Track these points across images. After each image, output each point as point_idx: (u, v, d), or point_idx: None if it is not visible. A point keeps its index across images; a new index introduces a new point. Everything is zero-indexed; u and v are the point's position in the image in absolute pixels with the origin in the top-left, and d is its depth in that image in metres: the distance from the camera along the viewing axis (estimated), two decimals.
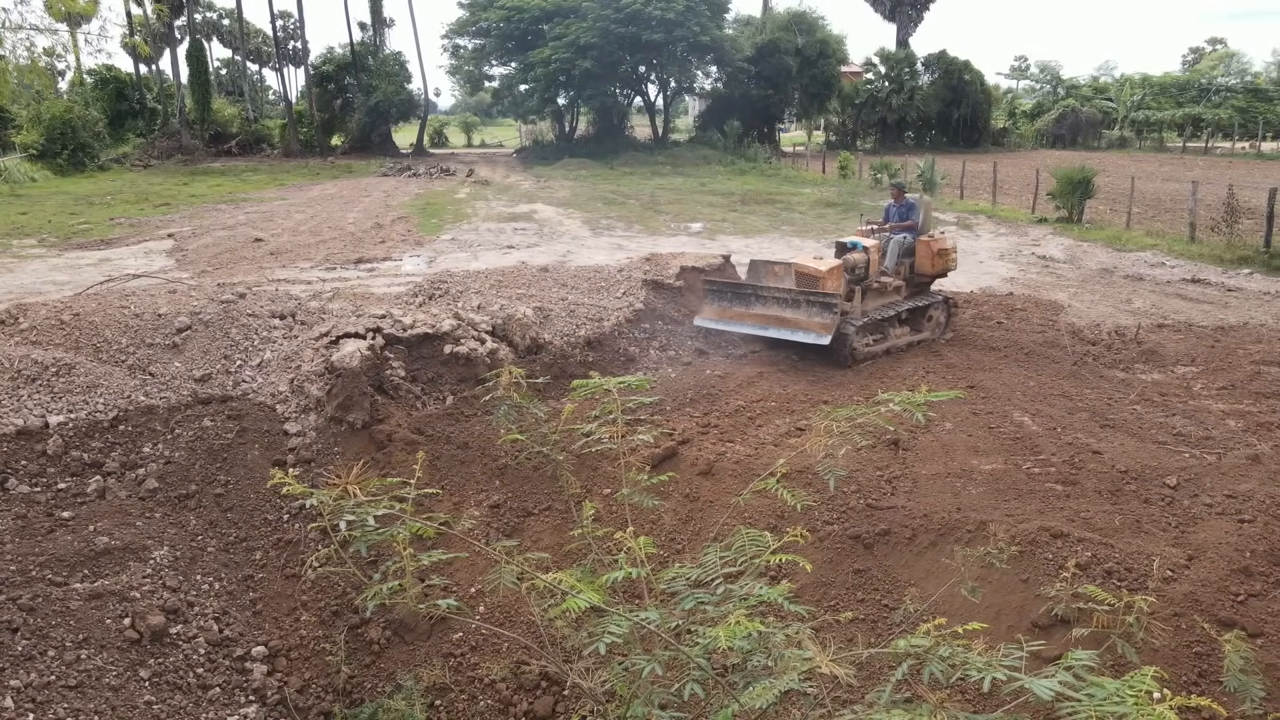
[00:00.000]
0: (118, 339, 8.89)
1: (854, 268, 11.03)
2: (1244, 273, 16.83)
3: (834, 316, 10.30)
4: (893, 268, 11.63)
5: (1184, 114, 57.80)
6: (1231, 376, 10.03)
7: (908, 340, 11.47)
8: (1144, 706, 1.74)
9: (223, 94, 65.71)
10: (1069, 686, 1.80)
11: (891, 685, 2.10)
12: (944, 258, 11.92)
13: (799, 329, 10.45)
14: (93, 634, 5.94)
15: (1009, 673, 1.92)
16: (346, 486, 2.80)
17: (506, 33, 45.36)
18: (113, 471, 7.60)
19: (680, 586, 2.88)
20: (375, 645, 6.75)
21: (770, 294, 10.85)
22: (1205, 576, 5.58)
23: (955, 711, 1.92)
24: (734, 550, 2.97)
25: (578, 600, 2.61)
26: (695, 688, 2.48)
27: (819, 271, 10.70)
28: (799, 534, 2.99)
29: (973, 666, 1.98)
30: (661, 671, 2.61)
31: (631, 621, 2.64)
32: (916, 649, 2.10)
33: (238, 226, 21.76)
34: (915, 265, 11.87)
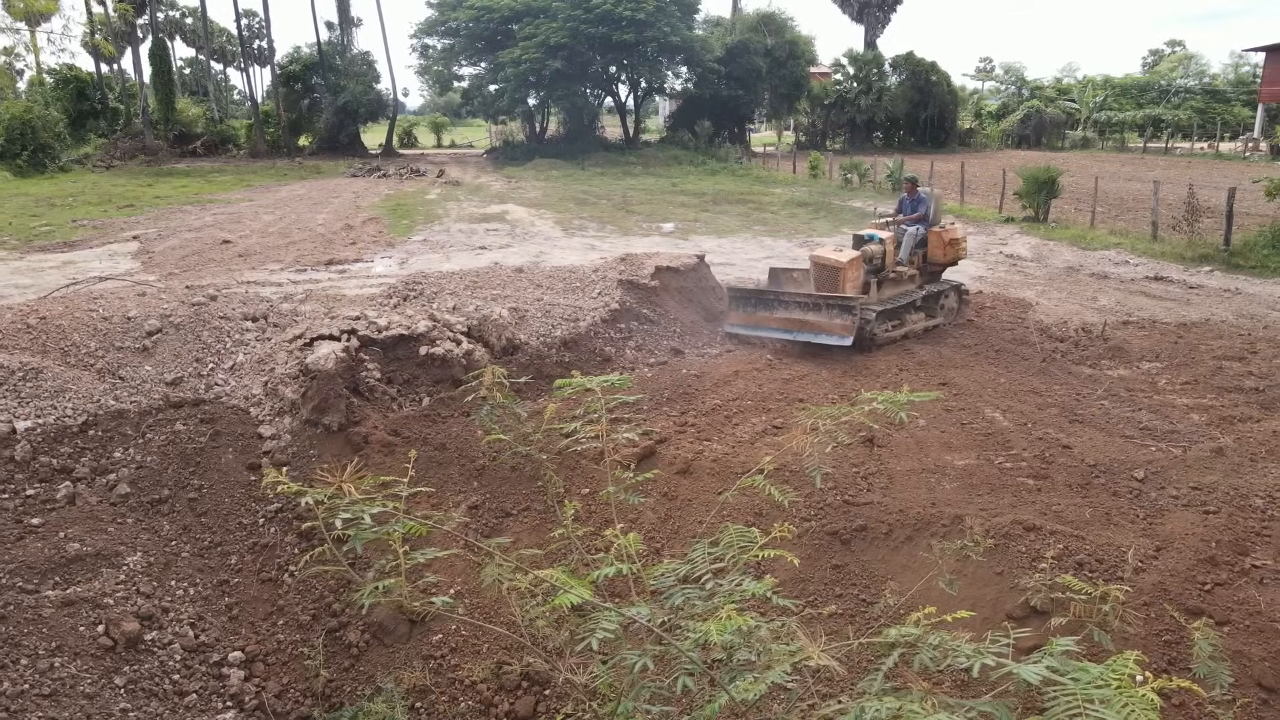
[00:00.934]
0: (86, 342, 8.76)
1: (872, 259, 11.63)
2: (1205, 270, 17.20)
3: (854, 318, 10.74)
4: (907, 258, 12.17)
5: (1145, 115, 58.90)
6: (1195, 372, 10.26)
7: (924, 325, 12.01)
8: (1127, 689, 1.80)
9: (186, 94, 64.81)
10: (1054, 672, 1.85)
11: (882, 674, 2.16)
12: (955, 247, 12.50)
13: (822, 331, 10.93)
14: (66, 641, 5.85)
15: (997, 659, 1.97)
16: (341, 485, 2.80)
17: (476, 32, 45.22)
18: (83, 477, 7.48)
19: (669, 582, 2.91)
20: (354, 648, 6.71)
21: (792, 299, 11.34)
22: (1173, 567, 5.71)
23: (945, 697, 1.97)
24: (721, 546, 3.01)
25: (569, 596, 2.63)
26: (687, 681, 2.51)
27: (840, 263, 11.21)
28: (785, 530, 3.04)
29: (961, 654, 2.03)
30: (652, 666, 2.64)
31: (623, 617, 2.66)
32: (907, 637, 2.15)
33: (205, 228, 21.50)
34: (928, 255, 12.45)
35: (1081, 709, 1.75)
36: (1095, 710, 1.74)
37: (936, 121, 55.68)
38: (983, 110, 67.35)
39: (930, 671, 2.12)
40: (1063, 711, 1.76)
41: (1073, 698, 1.79)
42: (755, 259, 17.58)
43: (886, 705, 1.93)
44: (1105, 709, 1.74)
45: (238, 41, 71.91)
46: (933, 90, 54.92)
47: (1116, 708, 1.75)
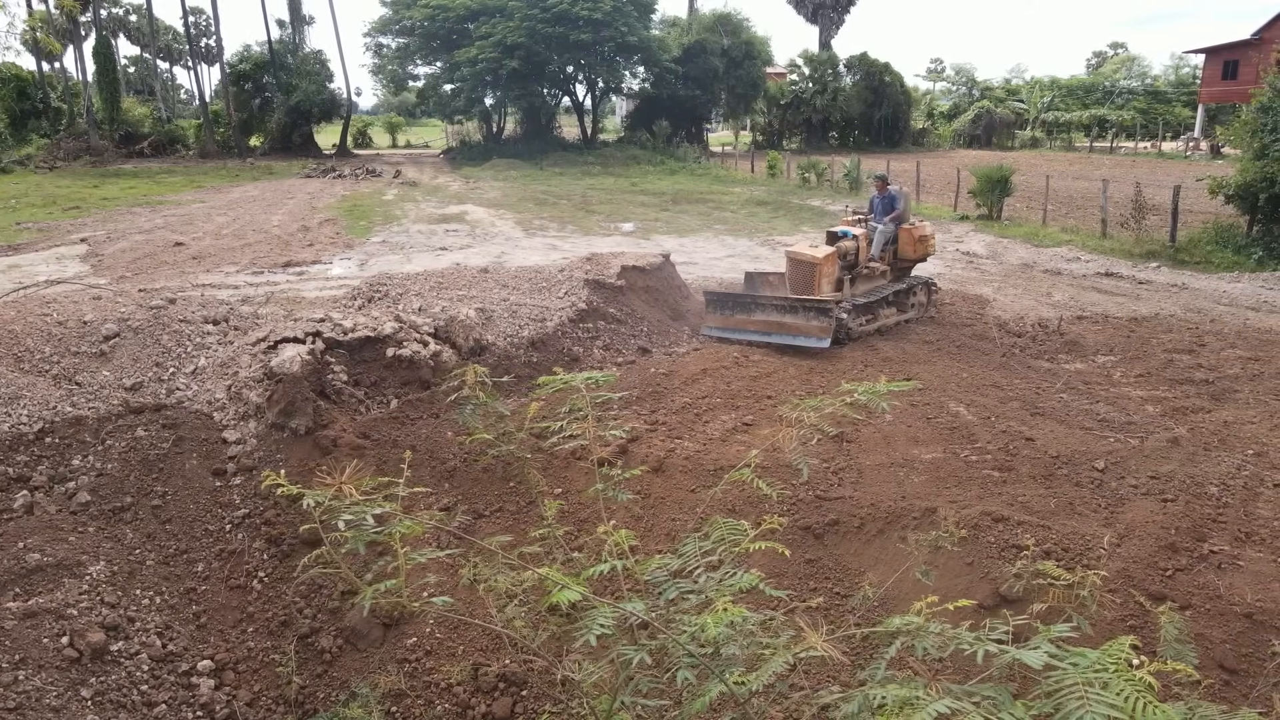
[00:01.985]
0: (40, 348, 8.53)
1: (846, 254, 11.90)
2: (1152, 266, 17.68)
3: (830, 320, 10.93)
4: (879, 254, 12.44)
5: (1090, 115, 60.28)
6: (1147, 365, 10.55)
7: (895, 320, 12.28)
8: (1124, 673, 1.86)
9: (131, 93, 63.32)
10: (1053, 657, 1.91)
11: (884, 662, 2.20)
12: (924, 244, 12.81)
13: (799, 333, 11.09)
14: (30, 654, 5.70)
15: (999, 646, 2.02)
16: (341, 486, 2.78)
17: (431, 31, 44.80)
18: (40, 486, 7.29)
19: (661, 577, 2.93)
20: (326, 654, 6.63)
21: (769, 302, 11.50)
22: (1135, 554, 5.88)
23: (948, 684, 2.02)
24: (712, 540, 3.03)
25: (565, 594, 2.64)
26: (687, 674, 2.53)
27: (816, 259, 11.42)
28: (776, 521, 3.08)
29: (963, 641, 2.08)
30: (650, 661, 2.66)
31: (620, 612, 2.68)
32: (910, 625, 2.20)
33: (155, 230, 21.03)
34: (899, 251, 12.74)
35: (1083, 693, 1.81)
36: (1096, 694, 1.80)
37: (890, 121, 56.43)
38: (935, 110, 68.42)
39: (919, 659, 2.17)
40: (1065, 696, 1.82)
41: (1074, 682, 1.84)
42: (717, 258, 17.68)
43: (891, 691, 1.98)
44: (1106, 692, 1.79)
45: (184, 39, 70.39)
46: (886, 91, 55.65)
47: (1115, 691, 1.81)
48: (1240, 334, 11.82)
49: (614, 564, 2.87)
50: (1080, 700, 1.80)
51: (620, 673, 2.81)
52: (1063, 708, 1.79)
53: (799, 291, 11.63)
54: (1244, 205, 18.69)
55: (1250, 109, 18.67)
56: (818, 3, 58.68)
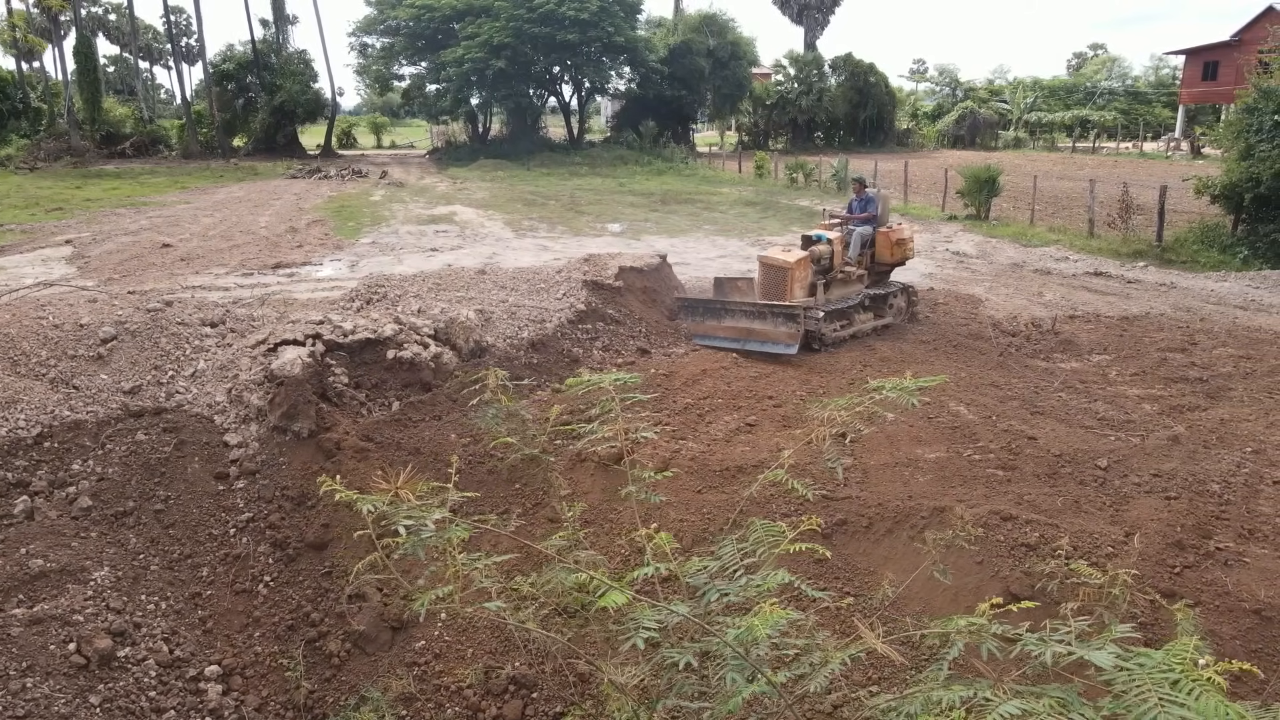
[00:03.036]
0: (36, 351, 8.43)
1: (820, 259, 11.68)
2: (1140, 265, 17.86)
3: (798, 326, 10.80)
4: (855, 257, 12.23)
5: (1073, 116, 60.80)
6: (1141, 363, 10.65)
7: (872, 325, 12.09)
8: (1192, 673, 1.88)
9: (111, 93, 62.67)
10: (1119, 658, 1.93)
11: (946, 663, 2.21)
12: (902, 247, 12.59)
13: (767, 339, 10.99)
14: (37, 661, 5.63)
15: (1066, 647, 2.03)
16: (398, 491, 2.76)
17: (416, 31, 44.64)
18: (40, 491, 7.20)
19: (701, 579, 2.94)
20: (335, 658, 6.59)
21: (738, 307, 11.41)
22: (1143, 551, 5.93)
23: (1014, 685, 2.03)
24: (751, 541, 3.04)
25: (611, 597, 2.64)
26: (735, 676, 2.54)
27: (787, 264, 11.24)
28: (813, 522, 3.09)
29: (1027, 642, 2.10)
30: (696, 664, 2.66)
31: (665, 615, 2.68)
32: (973, 626, 2.21)
33: (141, 231, 20.84)
34: (876, 255, 12.49)
35: (1154, 693, 1.82)
36: (1167, 694, 1.81)
37: (875, 122, 56.68)
38: (919, 111, 68.79)
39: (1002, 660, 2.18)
40: (1135, 696, 1.83)
41: (1142, 683, 1.85)
42: (709, 258, 17.70)
43: (957, 692, 1.98)
44: (1176, 692, 1.81)
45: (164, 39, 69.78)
46: (871, 91, 55.90)
47: (1185, 691, 1.82)
48: (1230, 332, 11.96)
49: (657, 566, 2.88)
50: (1153, 701, 1.81)
51: (662, 675, 2.81)
52: (1135, 708, 1.80)
53: (771, 296, 11.44)
54: (1229, 205, 18.92)
55: (1235, 109, 18.89)
56: (803, 3, 58.88)
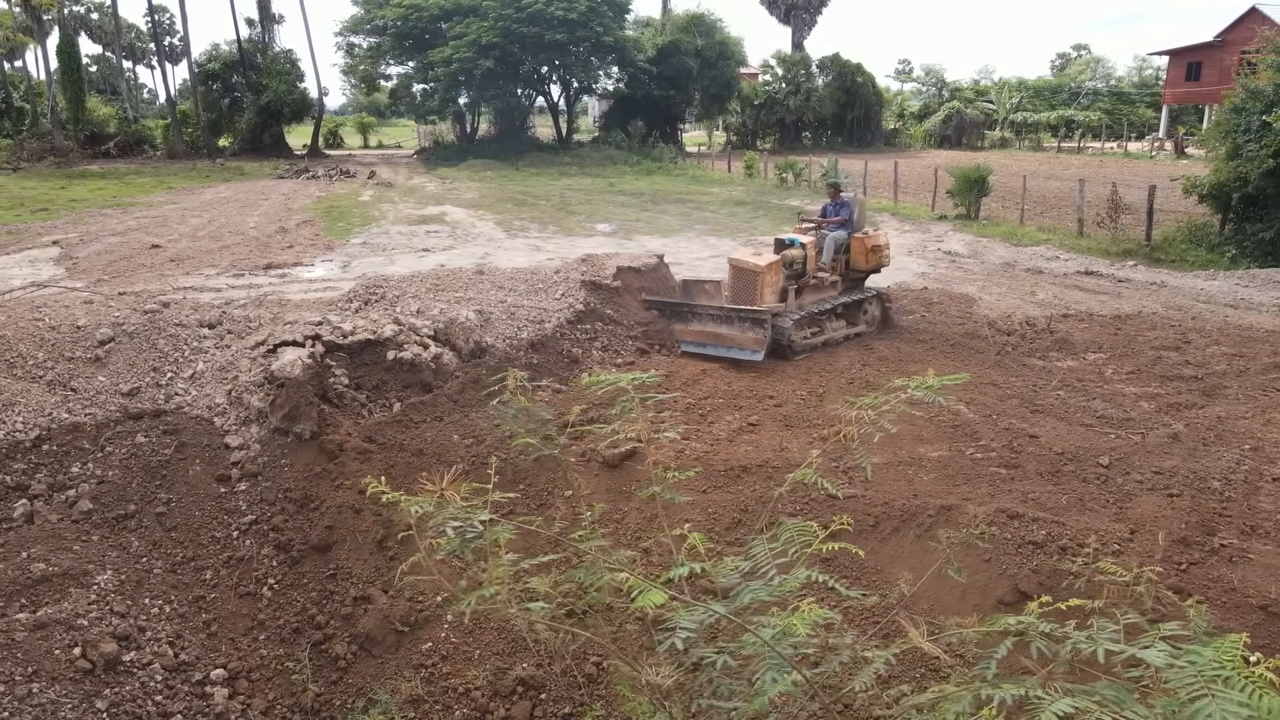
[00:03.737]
0: (33, 353, 8.35)
1: (792, 263, 11.39)
2: (1129, 264, 17.99)
3: (765, 332, 10.59)
4: (829, 263, 11.97)
5: (1058, 116, 61.21)
6: (1136, 362, 10.73)
7: (844, 333, 11.86)
8: (1242, 670, 1.89)
9: (93, 92, 62.13)
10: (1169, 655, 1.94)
11: (995, 661, 2.22)
12: (877, 254, 12.30)
13: (733, 344, 10.78)
14: (43, 666, 5.58)
15: (1117, 645, 2.04)
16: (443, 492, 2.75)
17: (404, 31, 44.46)
18: (39, 494, 7.14)
19: (734, 579, 2.94)
20: (341, 661, 6.56)
21: (705, 311, 11.14)
22: (1149, 548, 5.98)
23: (1064, 683, 2.04)
24: (782, 541, 3.04)
25: (649, 597, 2.64)
26: (775, 676, 2.54)
27: (758, 267, 10.98)
28: (845, 521, 3.09)
29: (1077, 641, 2.11)
30: (734, 664, 2.66)
31: (711, 613, 2.68)
32: (1024, 624, 2.22)
33: (129, 232, 20.67)
34: (850, 261, 12.25)
35: (1206, 691, 1.83)
36: (1221, 691, 1.82)
37: (863, 122, 56.89)
38: (905, 111, 69.08)
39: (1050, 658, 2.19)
40: (1189, 694, 1.84)
41: (1195, 680, 1.86)
42: (702, 258, 17.71)
43: (1009, 690, 1.99)
44: (1229, 688, 1.82)
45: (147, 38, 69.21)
46: (858, 91, 56.10)
47: (1238, 688, 1.83)
48: (1222, 330, 12.06)
49: (692, 566, 2.87)
50: (1208, 698, 1.82)
51: (698, 675, 2.81)
52: (1189, 706, 1.81)
53: (741, 300, 11.19)
54: (1217, 204, 19.09)
55: (1223, 110, 19.06)
56: (790, 3, 58.99)
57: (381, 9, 44.39)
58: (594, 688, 6.38)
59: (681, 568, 2.89)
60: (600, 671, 6.48)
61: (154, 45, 63.69)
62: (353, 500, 7.40)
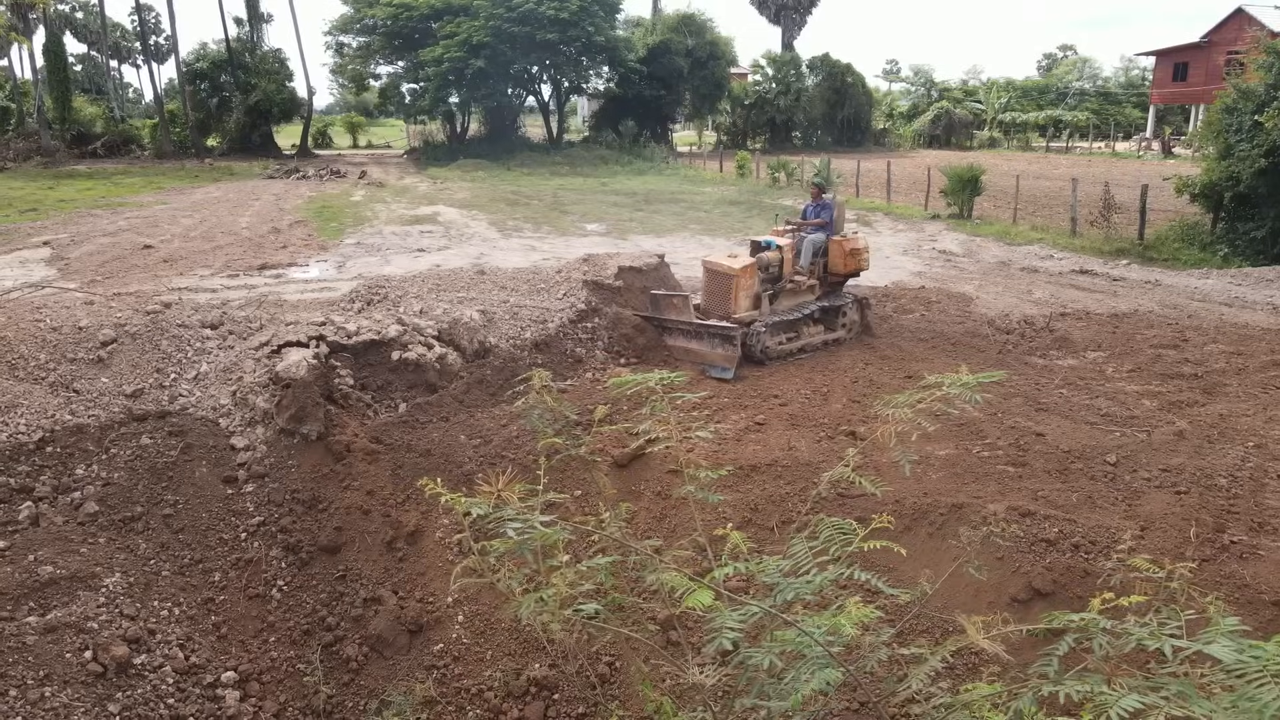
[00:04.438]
0: (34, 354, 8.27)
1: (768, 266, 11.10)
2: (1123, 263, 18.11)
3: (734, 349, 10.30)
4: (807, 266, 11.66)
5: (1046, 116, 61.53)
6: (1136, 360, 10.80)
7: (821, 339, 11.55)
8: None
9: (78, 92, 61.67)
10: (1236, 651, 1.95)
11: (1058, 658, 2.23)
12: (856, 257, 11.95)
13: (703, 361, 10.50)
14: (54, 669, 5.53)
15: (1184, 641, 2.06)
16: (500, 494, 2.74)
17: (394, 30, 44.34)
18: (44, 496, 7.07)
19: (776, 578, 2.94)
20: (352, 663, 6.53)
21: (674, 326, 10.84)
22: (1161, 545, 6.01)
23: (1129, 679, 2.05)
24: (822, 540, 3.05)
25: (698, 597, 2.64)
26: (824, 674, 2.54)
27: (732, 270, 10.69)
28: (885, 520, 3.10)
29: (1138, 637, 2.12)
30: (780, 664, 2.66)
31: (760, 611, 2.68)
32: (1087, 620, 2.23)
33: (120, 233, 20.53)
34: (829, 265, 11.89)
35: (1273, 683, 1.85)
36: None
37: (852, 122, 57.03)
38: (894, 111, 69.32)
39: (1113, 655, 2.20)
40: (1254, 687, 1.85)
41: (1260, 674, 1.88)
42: (697, 257, 17.64)
43: (1071, 686, 2.00)
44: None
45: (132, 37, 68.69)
46: (849, 91, 56.26)
47: None
48: (1219, 329, 12.15)
49: (736, 567, 2.88)
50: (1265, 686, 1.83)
51: (742, 675, 2.81)
52: (1257, 699, 1.83)
53: (714, 304, 10.92)
54: (1208, 204, 19.24)
55: (1215, 109, 19.20)
56: (780, 4, 59.14)
57: (371, 8, 44.22)
58: (607, 688, 6.38)
59: (726, 567, 2.89)
60: (613, 671, 6.47)
61: (140, 44, 63.20)
62: (361, 501, 7.37)
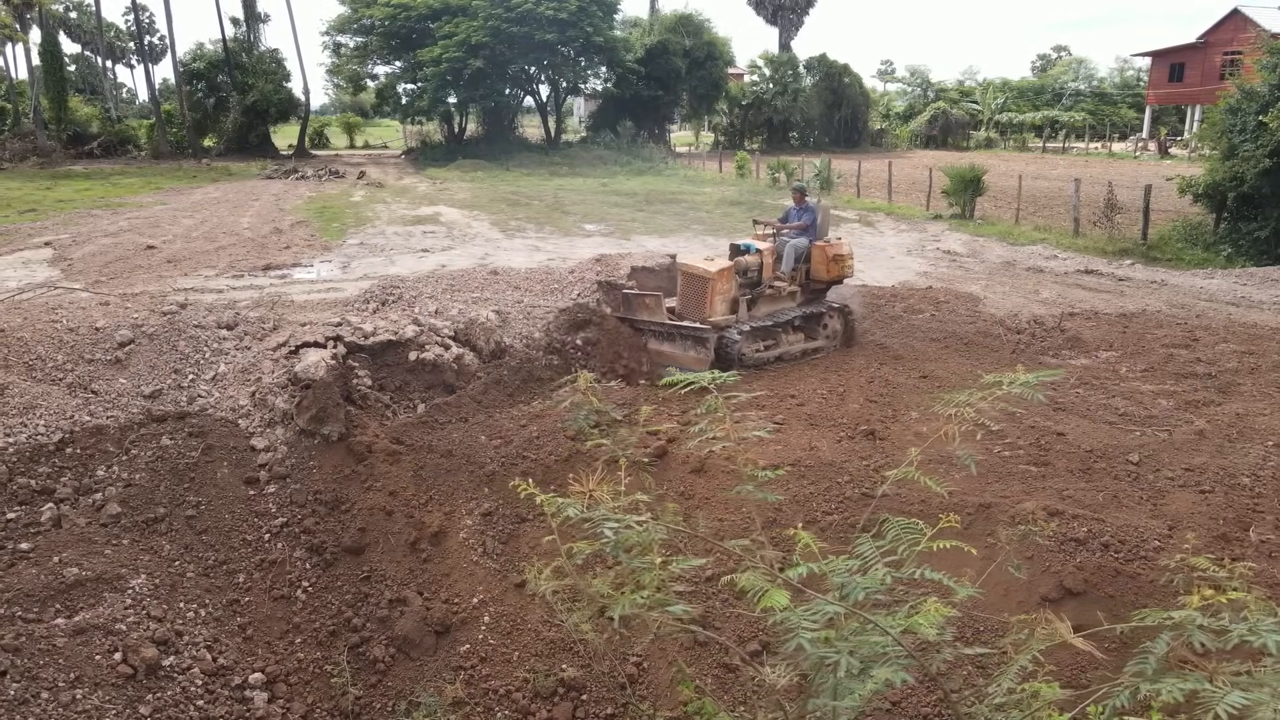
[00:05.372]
0: (52, 355, 8.23)
1: (746, 270, 10.71)
2: (1127, 263, 18.16)
3: (707, 352, 10.02)
4: (788, 272, 11.20)
5: (1042, 117, 61.73)
6: (1148, 360, 10.82)
7: (801, 348, 11.11)
8: None
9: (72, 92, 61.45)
10: None
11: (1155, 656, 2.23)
12: (840, 264, 11.41)
13: (676, 363, 10.18)
14: (85, 672, 5.50)
15: None
16: (591, 494, 2.72)
17: (391, 30, 44.27)
18: (66, 498, 7.04)
19: (844, 578, 2.93)
20: (379, 664, 6.51)
21: (646, 327, 10.56)
22: (1192, 545, 6.02)
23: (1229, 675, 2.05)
24: (889, 539, 3.05)
25: (773, 598, 2.63)
26: (905, 676, 2.54)
27: (708, 273, 10.25)
28: (952, 520, 3.10)
29: (1239, 632, 2.12)
30: (858, 665, 2.65)
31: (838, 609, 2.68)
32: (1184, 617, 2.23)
33: (122, 233, 20.46)
34: (811, 271, 11.39)
35: None
36: None
37: (849, 122, 57.10)
38: (890, 111, 69.44)
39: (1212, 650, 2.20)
40: None
41: None
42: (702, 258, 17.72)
43: (1171, 684, 2.00)
44: None
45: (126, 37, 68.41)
46: (846, 92, 56.33)
47: None
48: (1228, 328, 12.19)
49: (809, 567, 2.87)
50: None
51: (816, 676, 2.80)
52: None
53: (690, 309, 10.43)
54: (1211, 204, 19.31)
55: (1217, 109, 19.28)
56: (777, 4, 59.20)
57: (369, 8, 44.13)
58: (636, 688, 6.37)
59: (800, 567, 2.89)
60: (641, 672, 6.46)
61: (134, 44, 63.00)
62: (384, 502, 7.34)
